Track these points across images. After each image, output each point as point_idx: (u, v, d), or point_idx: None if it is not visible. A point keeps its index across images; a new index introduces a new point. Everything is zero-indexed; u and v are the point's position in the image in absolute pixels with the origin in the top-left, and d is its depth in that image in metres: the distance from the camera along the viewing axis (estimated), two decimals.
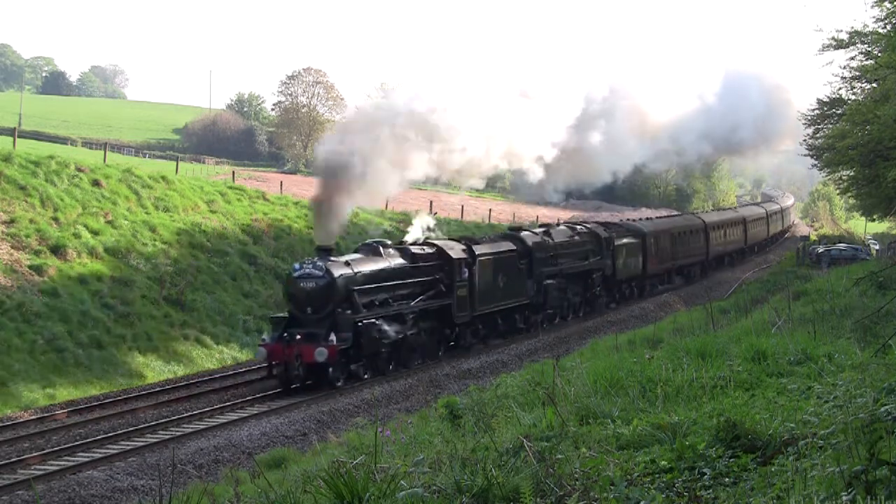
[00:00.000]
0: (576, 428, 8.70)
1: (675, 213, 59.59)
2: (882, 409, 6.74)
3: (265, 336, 23.08)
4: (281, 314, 23.41)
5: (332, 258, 22.73)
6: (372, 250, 24.44)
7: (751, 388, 10.27)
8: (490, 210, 56.34)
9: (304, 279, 22.07)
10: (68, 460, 16.35)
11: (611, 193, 75.92)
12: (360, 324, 22.14)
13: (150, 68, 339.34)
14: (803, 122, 33.21)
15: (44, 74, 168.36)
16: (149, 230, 31.32)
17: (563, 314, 33.40)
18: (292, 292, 22.38)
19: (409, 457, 8.21)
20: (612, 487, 6.29)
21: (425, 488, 6.67)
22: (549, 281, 31.47)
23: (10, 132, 43.02)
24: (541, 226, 35.81)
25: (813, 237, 70.62)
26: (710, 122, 44.08)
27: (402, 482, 6.75)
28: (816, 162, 35.31)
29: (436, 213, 48.77)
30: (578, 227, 36.13)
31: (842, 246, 52.35)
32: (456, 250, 26.53)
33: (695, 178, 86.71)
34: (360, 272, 22.99)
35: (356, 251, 25.01)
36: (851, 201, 54.58)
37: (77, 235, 28.46)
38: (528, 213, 60.48)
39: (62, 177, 31.32)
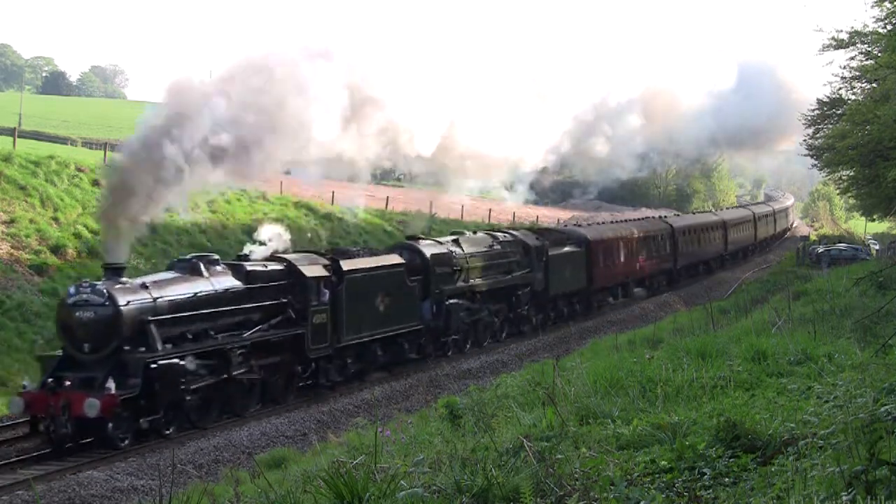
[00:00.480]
0: (576, 428, 8.70)
1: (645, 216, 56.17)
2: (882, 409, 6.75)
3: (26, 382, 17.75)
4: (53, 353, 18.37)
5: (123, 280, 17.86)
6: (190, 268, 19.37)
7: (751, 388, 10.30)
8: (490, 210, 56.20)
9: (80, 308, 17.20)
10: (68, 460, 16.36)
11: (611, 193, 75.81)
12: (154, 366, 17.22)
13: (150, 68, 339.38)
14: (803, 122, 33.21)
15: (44, 74, 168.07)
16: (149, 230, 31.29)
17: (476, 339, 28.16)
18: (66, 324, 17.47)
19: (409, 457, 8.23)
20: (612, 487, 6.30)
21: (425, 488, 6.68)
22: (453, 301, 26.48)
23: (10, 132, 42.96)
24: (452, 233, 30.60)
25: (813, 237, 70.64)
26: (720, 119, 43.84)
27: (402, 482, 6.76)
28: (816, 162, 35.31)
29: (434, 213, 48.67)
30: (500, 234, 31.32)
31: (842, 246, 52.37)
32: (313, 266, 21.76)
33: (695, 178, 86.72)
34: (161, 298, 18.07)
35: (169, 269, 20.06)
36: (851, 201, 54.58)
37: (77, 235, 28.50)
38: (528, 213, 60.38)
39: (62, 177, 31.37)
